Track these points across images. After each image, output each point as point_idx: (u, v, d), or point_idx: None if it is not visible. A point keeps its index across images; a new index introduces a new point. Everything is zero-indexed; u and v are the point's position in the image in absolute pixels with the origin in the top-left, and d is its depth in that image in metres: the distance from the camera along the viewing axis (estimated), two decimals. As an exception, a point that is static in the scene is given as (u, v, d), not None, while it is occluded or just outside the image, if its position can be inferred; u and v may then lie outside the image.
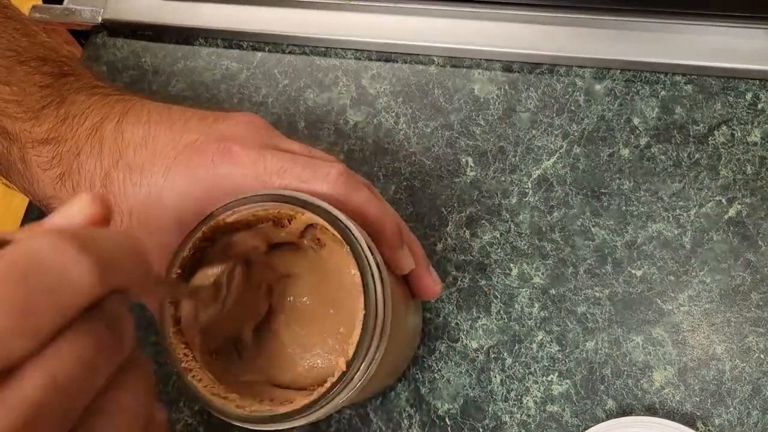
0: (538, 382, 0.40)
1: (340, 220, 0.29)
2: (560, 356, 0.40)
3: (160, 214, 0.32)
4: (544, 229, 0.43)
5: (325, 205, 0.29)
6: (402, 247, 0.33)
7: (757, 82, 0.45)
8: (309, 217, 0.29)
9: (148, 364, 0.21)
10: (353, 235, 0.29)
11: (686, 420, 0.38)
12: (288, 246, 0.33)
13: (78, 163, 0.32)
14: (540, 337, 0.41)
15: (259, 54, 0.51)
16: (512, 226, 0.43)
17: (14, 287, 0.16)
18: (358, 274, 0.28)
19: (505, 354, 0.41)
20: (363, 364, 0.27)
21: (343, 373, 0.27)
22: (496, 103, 0.47)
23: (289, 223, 0.31)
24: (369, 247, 0.29)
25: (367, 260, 0.28)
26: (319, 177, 0.31)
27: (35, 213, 0.48)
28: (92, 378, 0.18)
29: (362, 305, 0.27)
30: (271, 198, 0.30)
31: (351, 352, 0.27)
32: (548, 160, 0.45)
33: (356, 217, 0.31)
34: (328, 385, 0.27)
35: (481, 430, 0.39)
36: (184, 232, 0.31)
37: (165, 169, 0.32)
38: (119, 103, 0.34)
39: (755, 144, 0.44)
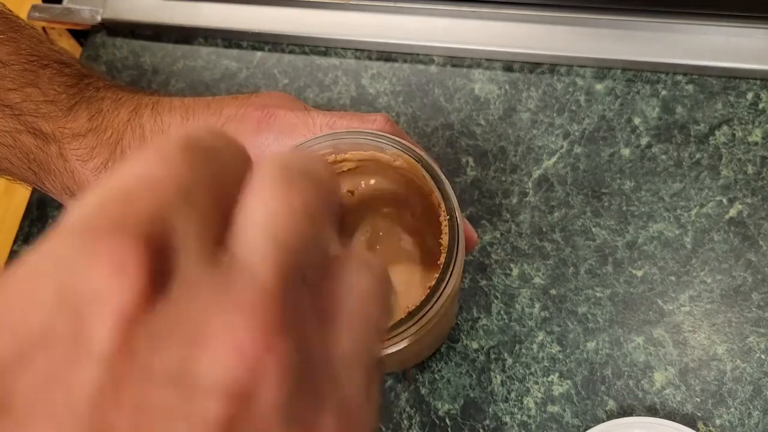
0: (538, 383, 0.40)
1: (415, 150, 0.32)
2: (561, 357, 0.40)
3: None
4: (544, 229, 0.43)
5: (396, 137, 0.32)
6: None
7: (758, 81, 0.45)
8: (392, 152, 0.32)
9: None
10: (431, 163, 0.31)
11: (687, 421, 0.38)
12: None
13: (121, 147, 0.33)
14: (540, 338, 0.41)
15: (259, 53, 0.51)
16: (513, 226, 0.43)
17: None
18: (440, 197, 0.31)
19: (506, 354, 0.41)
20: (449, 280, 0.29)
21: (439, 277, 0.29)
22: (497, 103, 0.47)
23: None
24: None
25: (446, 185, 0.31)
26: (367, 123, 0.33)
27: (35, 213, 0.47)
28: (316, 228, 0.15)
29: (446, 225, 0.30)
30: (344, 135, 0.32)
31: (442, 260, 0.30)
32: (549, 159, 0.45)
33: None
34: (422, 298, 0.29)
35: (481, 430, 0.39)
36: None
37: None
38: (146, 97, 0.35)
39: (756, 144, 0.44)
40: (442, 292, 0.30)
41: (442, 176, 0.31)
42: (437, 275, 0.30)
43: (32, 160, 0.33)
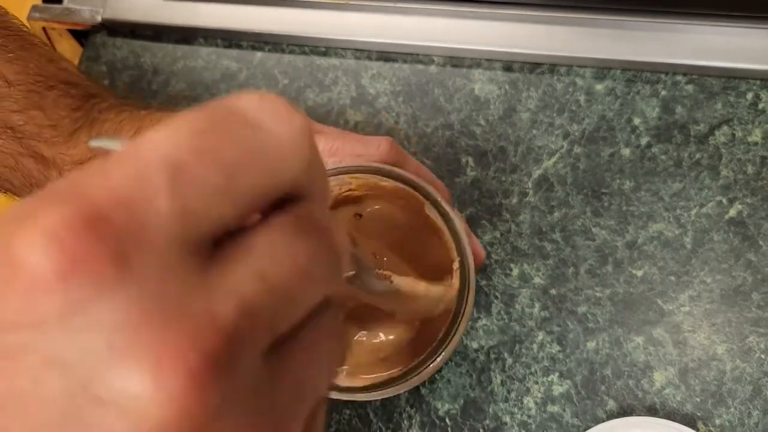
0: (538, 383, 0.40)
1: (425, 188, 0.31)
2: (561, 356, 0.40)
3: None
4: (544, 229, 0.43)
5: (404, 173, 0.31)
6: (453, 208, 0.35)
7: (758, 81, 0.45)
8: (393, 185, 0.32)
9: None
10: (438, 198, 0.31)
11: (687, 420, 0.38)
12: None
13: None
14: (540, 338, 0.41)
15: (259, 54, 0.51)
16: (513, 226, 0.43)
17: (221, 138, 0.13)
18: (447, 231, 0.31)
19: (506, 354, 0.41)
20: (458, 329, 0.29)
21: (456, 314, 0.29)
22: (497, 103, 0.47)
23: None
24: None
25: (456, 224, 0.31)
26: (371, 150, 0.32)
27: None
28: (304, 291, 0.14)
29: (456, 257, 0.30)
30: (349, 170, 0.31)
31: (455, 296, 0.30)
32: (549, 159, 0.45)
33: None
34: (440, 335, 0.29)
35: (481, 430, 0.39)
36: None
37: None
38: (148, 116, 0.35)
39: (756, 144, 0.44)
40: (449, 342, 0.29)
41: (452, 214, 0.31)
42: (445, 327, 0.29)
43: (34, 184, 0.33)
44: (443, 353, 0.29)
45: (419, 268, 0.34)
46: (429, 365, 0.29)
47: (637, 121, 0.45)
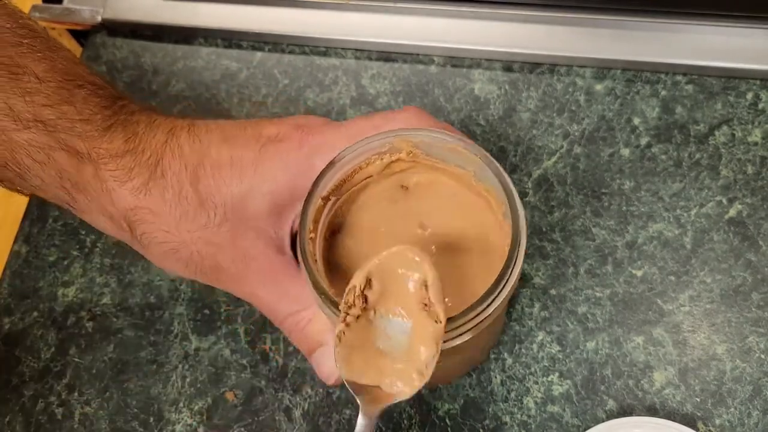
0: (538, 383, 0.40)
1: (477, 147, 0.32)
2: (560, 356, 0.40)
3: (254, 201, 0.34)
4: (544, 229, 0.43)
5: (451, 133, 0.33)
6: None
7: (758, 81, 0.45)
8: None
9: None
10: (486, 154, 0.31)
11: (687, 420, 0.38)
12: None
13: (161, 168, 0.33)
14: (540, 338, 0.41)
15: (259, 54, 0.51)
16: (512, 226, 0.43)
17: None
18: (501, 188, 0.31)
19: (506, 354, 0.41)
20: (513, 269, 0.29)
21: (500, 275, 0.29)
22: (497, 103, 0.47)
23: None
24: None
25: (507, 178, 0.31)
26: (412, 122, 0.34)
27: (35, 213, 0.47)
28: None
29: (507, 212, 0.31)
30: (398, 133, 0.33)
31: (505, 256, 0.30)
32: (549, 159, 0.45)
33: None
34: (484, 292, 0.29)
35: (481, 430, 0.39)
36: (281, 214, 0.34)
37: (253, 161, 0.34)
38: (180, 120, 0.35)
39: (756, 144, 0.44)
40: (507, 281, 0.29)
41: (501, 168, 0.31)
42: (503, 264, 0.29)
43: (65, 179, 0.33)
44: (498, 296, 0.29)
45: (466, 237, 0.35)
46: (484, 308, 0.29)
47: (636, 121, 0.45)
